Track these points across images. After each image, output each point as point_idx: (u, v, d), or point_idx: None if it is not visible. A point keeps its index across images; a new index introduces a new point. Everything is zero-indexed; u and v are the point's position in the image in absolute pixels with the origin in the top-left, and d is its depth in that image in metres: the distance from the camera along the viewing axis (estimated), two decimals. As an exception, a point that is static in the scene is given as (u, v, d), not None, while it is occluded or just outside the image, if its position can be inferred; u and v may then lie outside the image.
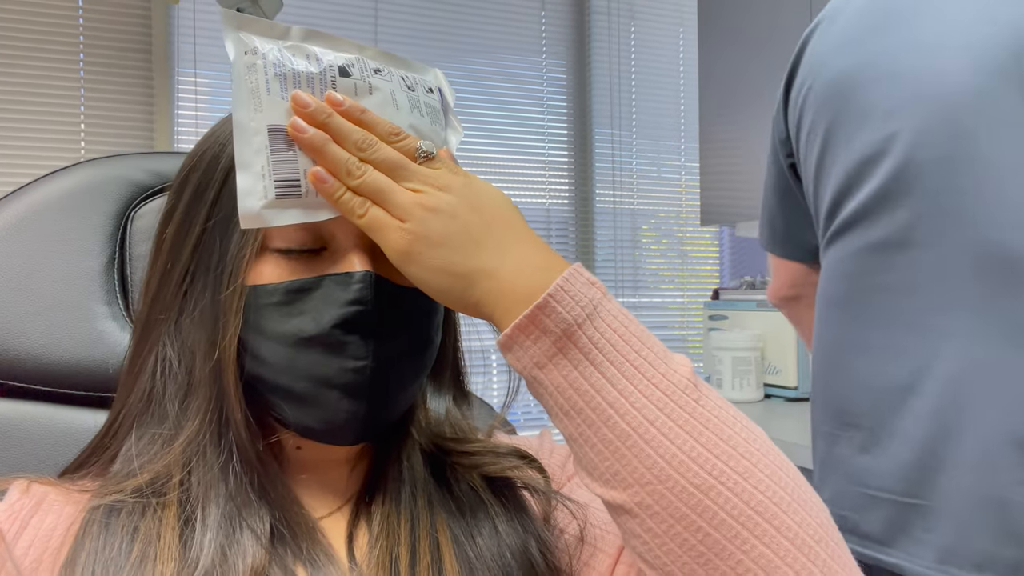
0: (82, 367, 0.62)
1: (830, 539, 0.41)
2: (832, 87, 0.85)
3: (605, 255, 2.73)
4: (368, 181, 0.46)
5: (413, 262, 0.45)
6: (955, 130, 0.72)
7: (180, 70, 2.25)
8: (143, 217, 0.66)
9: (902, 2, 0.81)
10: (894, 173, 0.77)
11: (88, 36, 2.15)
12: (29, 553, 0.47)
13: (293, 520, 0.49)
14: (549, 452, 0.59)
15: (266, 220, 0.47)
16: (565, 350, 0.42)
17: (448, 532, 0.51)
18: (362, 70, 0.50)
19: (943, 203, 0.73)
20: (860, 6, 0.86)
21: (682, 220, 2.87)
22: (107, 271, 0.64)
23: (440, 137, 0.53)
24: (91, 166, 0.67)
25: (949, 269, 0.73)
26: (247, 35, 0.48)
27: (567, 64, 2.74)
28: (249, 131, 0.47)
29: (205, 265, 0.51)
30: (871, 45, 0.82)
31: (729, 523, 0.39)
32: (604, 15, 2.77)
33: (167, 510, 0.47)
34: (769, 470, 0.41)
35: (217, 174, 0.51)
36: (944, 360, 0.73)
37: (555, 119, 2.72)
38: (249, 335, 0.49)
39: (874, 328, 0.80)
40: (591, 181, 2.74)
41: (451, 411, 0.58)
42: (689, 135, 2.85)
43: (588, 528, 0.53)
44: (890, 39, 0.80)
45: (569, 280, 0.43)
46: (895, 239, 0.77)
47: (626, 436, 0.41)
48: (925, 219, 0.74)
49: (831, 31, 0.88)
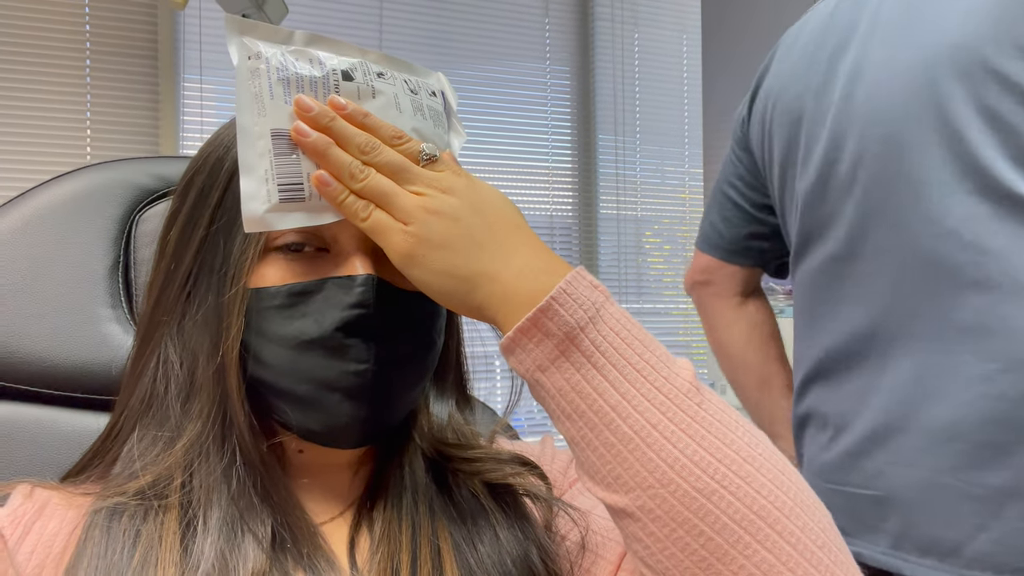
0: (86, 370, 0.62)
1: (833, 544, 0.41)
2: (791, 111, 0.92)
3: (609, 261, 2.73)
4: (371, 184, 0.46)
5: (416, 265, 0.45)
6: (891, 152, 0.79)
7: (185, 76, 2.26)
8: (148, 221, 0.67)
9: (848, 29, 0.86)
10: (841, 193, 0.84)
11: (95, 42, 2.16)
12: (32, 559, 0.46)
13: (295, 525, 0.49)
14: (551, 458, 0.59)
15: (270, 224, 0.47)
16: (567, 353, 0.42)
17: (449, 539, 0.50)
18: (365, 74, 0.50)
19: (886, 219, 0.79)
20: (814, 29, 0.92)
21: (686, 226, 2.87)
22: (111, 274, 0.64)
23: (443, 140, 0.53)
24: (96, 170, 0.68)
25: (894, 279, 0.79)
26: (251, 40, 0.48)
27: (571, 70, 2.74)
28: (253, 135, 0.47)
29: (208, 268, 0.51)
30: (821, 70, 0.88)
31: (731, 527, 0.39)
32: (608, 22, 2.78)
33: (169, 513, 0.47)
34: (771, 474, 0.41)
35: (221, 177, 0.52)
36: (892, 361, 0.80)
37: (559, 125, 2.72)
38: (251, 338, 0.49)
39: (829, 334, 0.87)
40: (595, 187, 2.74)
41: (453, 416, 0.58)
42: (693, 141, 2.85)
43: (590, 535, 0.53)
44: (838, 65, 0.86)
45: (572, 283, 0.43)
46: (844, 253, 0.85)
47: (628, 440, 0.41)
48: (871, 233, 0.81)
49: (789, 56, 0.95)
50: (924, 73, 0.76)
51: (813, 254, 0.90)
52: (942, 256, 0.74)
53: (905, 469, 0.77)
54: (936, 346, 0.75)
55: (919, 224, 0.76)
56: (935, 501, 0.74)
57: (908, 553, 0.76)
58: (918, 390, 0.77)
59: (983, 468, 0.71)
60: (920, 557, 0.75)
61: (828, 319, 0.87)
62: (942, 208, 0.74)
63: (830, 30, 0.89)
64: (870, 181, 0.81)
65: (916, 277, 0.77)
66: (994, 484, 0.70)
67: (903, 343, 0.78)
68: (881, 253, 0.80)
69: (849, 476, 0.83)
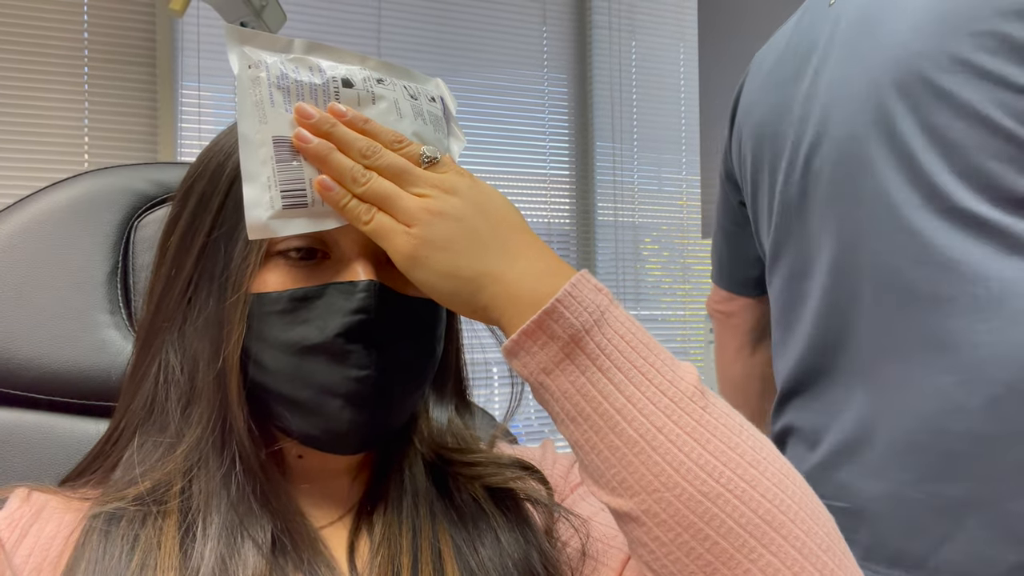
0: (85, 376, 0.62)
1: (837, 548, 0.41)
2: (758, 132, 0.93)
3: (607, 268, 2.74)
4: (373, 187, 0.46)
5: (420, 266, 0.45)
6: (846, 170, 0.80)
7: (184, 83, 2.26)
8: (146, 227, 0.67)
9: (807, 48, 0.88)
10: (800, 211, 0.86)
11: (93, 49, 2.17)
12: (29, 561, 0.46)
13: (295, 530, 0.49)
14: (552, 463, 0.59)
15: (273, 230, 0.47)
16: (572, 356, 0.42)
17: (450, 542, 0.50)
18: (365, 80, 0.50)
19: (842, 235, 0.80)
20: (776, 50, 0.94)
21: (683, 233, 2.88)
22: (110, 280, 0.64)
23: (443, 145, 0.53)
24: (95, 176, 0.68)
25: (851, 294, 0.80)
26: (251, 49, 0.48)
27: (568, 78, 2.75)
28: (254, 143, 0.47)
29: (209, 273, 0.51)
30: (786, 91, 0.89)
31: (736, 532, 0.39)
32: (605, 30, 2.79)
33: (168, 518, 0.47)
34: (776, 479, 0.41)
35: (222, 183, 0.52)
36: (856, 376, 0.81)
37: (556, 133, 2.73)
38: (252, 343, 0.49)
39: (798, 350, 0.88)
40: (592, 194, 2.75)
41: (453, 421, 0.58)
42: (690, 148, 2.86)
43: (591, 542, 0.53)
44: (800, 86, 0.87)
45: (577, 286, 0.43)
46: (803, 270, 0.86)
47: (633, 443, 0.41)
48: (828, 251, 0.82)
49: (758, 77, 0.97)
50: (872, 91, 0.77)
51: (779, 271, 0.92)
52: (897, 271, 0.75)
53: (872, 482, 0.77)
54: (896, 360, 0.76)
55: (874, 241, 0.77)
56: (901, 513, 0.75)
57: (878, 564, 0.76)
58: (881, 404, 0.77)
59: (944, 480, 0.71)
60: (889, 568, 0.76)
61: (796, 335, 0.88)
62: (896, 224, 0.75)
63: (789, 51, 0.91)
64: (826, 198, 0.82)
65: (873, 293, 0.77)
66: (955, 495, 0.71)
67: (865, 357, 0.79)
68: (839, 270, 0.81)
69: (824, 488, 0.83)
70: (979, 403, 0.69)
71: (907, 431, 0.75)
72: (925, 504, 0.73)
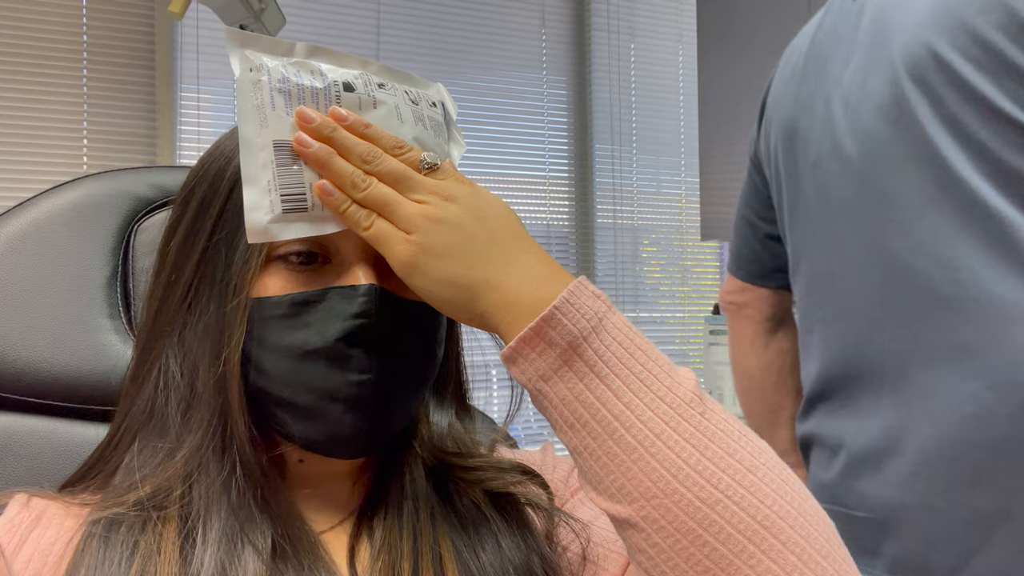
0: (84, 381, 0.62)
1: (836, 554, 0.41)
2: (783, 129, 0.93)
3: (605, 270, 2.74)
4: (373, 193, 0.46)
5: (418, 273, 0.45)
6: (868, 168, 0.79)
7: (183, 85, 2.26)
8: (146, 231, 0.67)
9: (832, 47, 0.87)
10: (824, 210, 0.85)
11: (92, 51, 2.17)
12: (28, 567, 0.46)
13: (295, 535, 0.49)
14: (552, 467, 0.59)
15: (273, 234, 0.47)
16: (570, 363, 0.42)
17: (451, 546, 0.50)
18: (366, 84, 0.50)
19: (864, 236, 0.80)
20: (806, 47, 0.93)
21: (682, 235, 2.88)
22: (110, 285, 0.64)
23: (444, 150, 0.53)
24: (94, 180, 0.68)
25: (875, 297, 0.79)
26: (252, 52, 0.48)
27: (567, 81, 2.75)
28: (255, 146, 0.47)
29: (210, 277, 0.51)
30: (806, 91, 0.89)
31: (736, 538, 0.39)
32: (604, 32, 2.79)
33: (168, 524, 0.47)
34: (775, 484, 0.41)
35: (222, 187, 0.52)
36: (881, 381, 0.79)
37: (555, 135, 2.73)
38: (253, 347, 0.49)
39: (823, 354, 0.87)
40: (591, 197, 2.75)
41: (454, 425, 0.58)
42: (689, 151, 2.86)
43: (591, 547, 0.53)
44: (819, 86, 0.87)
45: (574, 293, 0.43)
46: (828, 271, 0.85)
47: (632, 449, 0.41)
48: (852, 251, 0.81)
49: (784, 74, 0.96)
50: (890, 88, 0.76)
51: (802, 272, 0.90)
52: (919, 273, 0.74)
53: (899, 492, 0.75)
54: (921, 365, 0.74)
55: (897, 241, 0.76)
56: (928, 525, 0.73)
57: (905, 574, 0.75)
58: (907, 411, 0.76)
59: (972, 491, 0.70)
60: None
61: (820, 339, 0.87)
62: (919, 225, 0.74)
63: (815, 48, 0.90)
64: (848, 198, 0.81)
65: (896, 295, 0.76)
66: (984, 507, 0.69)
67: (892, 363, 0.78)
68: (862, 271, 0.80)
69: (846, 498, 0.82)
70: (1009, 409, 0.68)
71: (935, 439, 0.73)
72: (953, 516, 0.71)
